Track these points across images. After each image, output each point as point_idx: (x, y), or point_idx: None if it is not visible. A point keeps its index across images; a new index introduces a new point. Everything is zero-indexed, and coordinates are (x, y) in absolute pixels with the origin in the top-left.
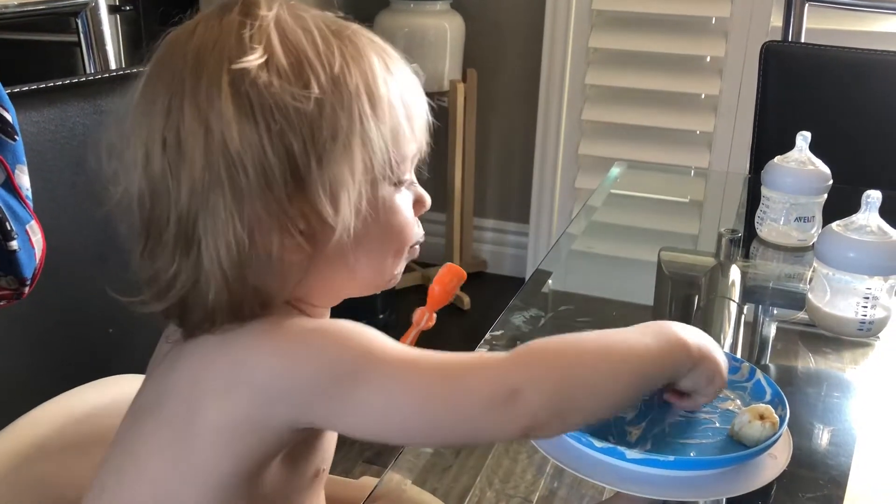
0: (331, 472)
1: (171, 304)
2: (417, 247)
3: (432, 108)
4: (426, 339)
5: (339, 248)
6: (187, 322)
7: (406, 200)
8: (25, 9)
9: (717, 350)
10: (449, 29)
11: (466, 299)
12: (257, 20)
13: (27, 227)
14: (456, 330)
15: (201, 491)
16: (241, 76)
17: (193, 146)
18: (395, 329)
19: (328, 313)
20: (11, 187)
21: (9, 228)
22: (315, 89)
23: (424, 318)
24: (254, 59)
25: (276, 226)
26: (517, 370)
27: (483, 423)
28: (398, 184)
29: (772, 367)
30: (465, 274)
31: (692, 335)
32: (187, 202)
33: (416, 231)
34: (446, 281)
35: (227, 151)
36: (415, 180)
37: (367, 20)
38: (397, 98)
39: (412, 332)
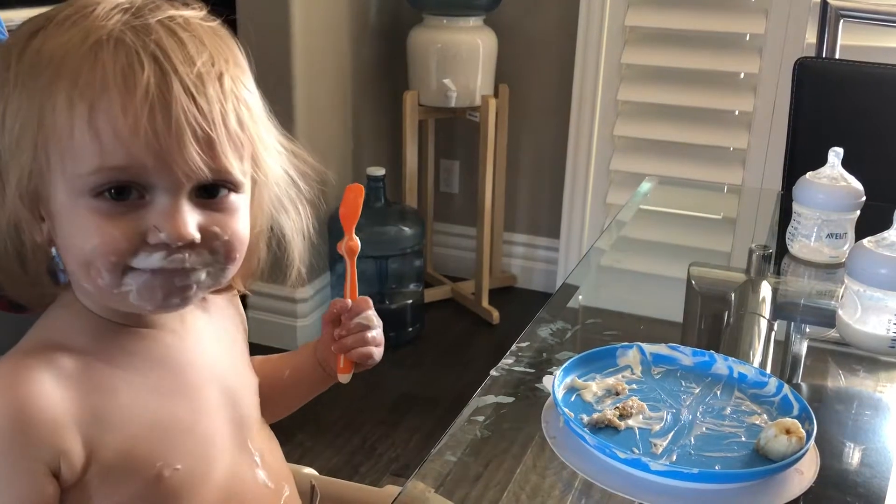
0: (358, 482)
1: None
2: (172, 276)
3: (459, 119)
4: (453, 354)
5: (56, 241)
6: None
7: (111, 217)
8: None
9: None
10: (481, 44)
11: (495, 313)
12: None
13: None
14: (484, 343)
15: None
16: None
17: None
18: (425, 341)
19: (160, 319)
20: None
21: None
22: (14, 62)
23: (345, 244)
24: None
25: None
26: None
27: None
28: (94, 193)
29: (803, 385)
30: (361, 187)
31: None
32: None
33: (111, 249)
34: (349, 200)
35: None
36: (166, 205)
37: (401, 36)
38: (84, 102)
39: (349, 265)
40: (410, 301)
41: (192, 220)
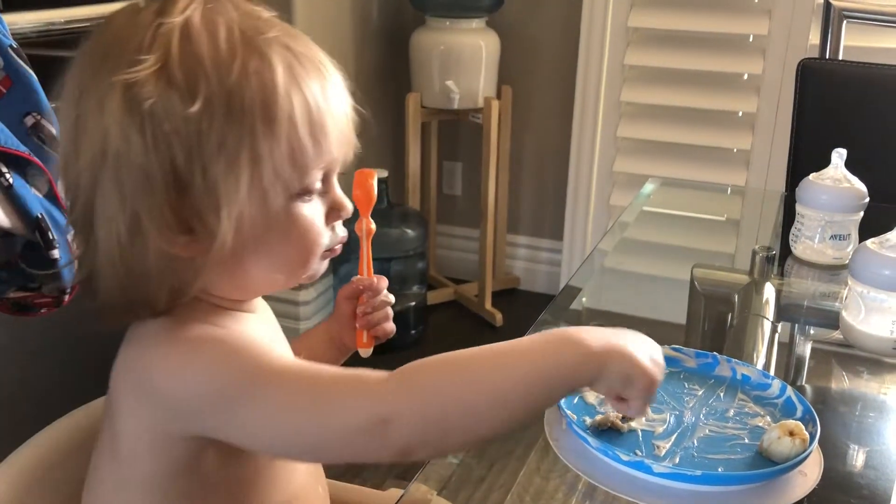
0: (360, 485)
1: (84, 288)
2: (339, 246)
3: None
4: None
5: (234, 250)
6: (101, 313)
7: (314, 210)
8: (72, 26)
9: (639, 349)
10: (484, 46)
11: (498, 315)
12: (165, 23)
13: (68, 236)
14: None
15: (133, 491)
16: (133, 82)
17: (91, 131)
18: (427, 344)
19: (252, 304)
20: (54, 197)
21: (51, 238)
22: (204, 101)
23: (364, 226)
24: (146, 68)
25: (157, 227)
26: (389, 398)
27: (358, 446)
28: (301, 195)
29: (807, 387)
30: (373, 171)
31: (595, 335)
32: (81, 185)
33: (326, 238)
34: (364, 183)
35: (114, 148)
36: (333, 188)
37: (404, 38)
38: (301, 113)
39: (364, 247)
40: (413, 303)
41: None
